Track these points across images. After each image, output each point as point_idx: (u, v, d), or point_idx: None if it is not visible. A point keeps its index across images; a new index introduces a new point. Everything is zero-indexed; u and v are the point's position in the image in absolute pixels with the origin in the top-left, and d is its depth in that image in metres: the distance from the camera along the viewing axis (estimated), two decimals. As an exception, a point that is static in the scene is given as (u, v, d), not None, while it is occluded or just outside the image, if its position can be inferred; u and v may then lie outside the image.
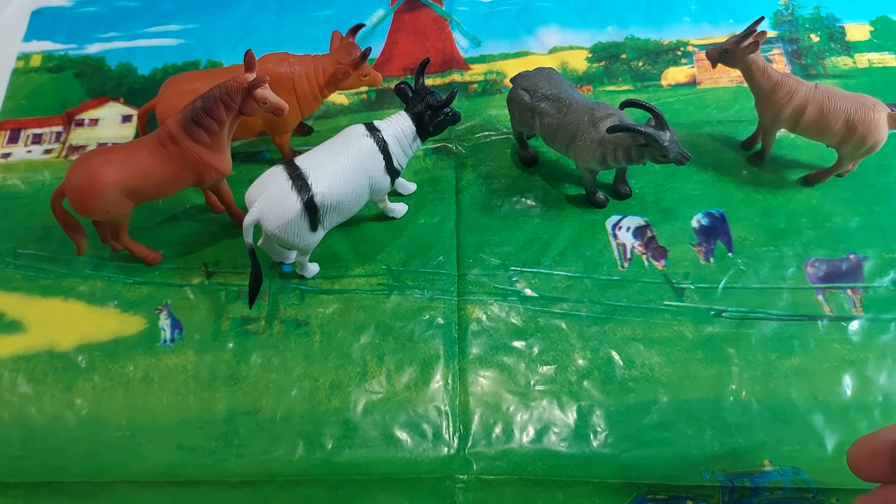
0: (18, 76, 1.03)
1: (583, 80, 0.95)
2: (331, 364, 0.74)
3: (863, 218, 0.79)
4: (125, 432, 0.72)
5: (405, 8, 1.04)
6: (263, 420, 0.72)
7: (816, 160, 0.84)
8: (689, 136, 0.87)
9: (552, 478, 0.67)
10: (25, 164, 0.93)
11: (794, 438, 0.67)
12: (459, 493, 0.66)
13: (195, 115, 0.70)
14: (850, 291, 0.75)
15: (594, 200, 0.82)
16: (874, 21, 0.96)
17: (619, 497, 0.66)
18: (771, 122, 0.79)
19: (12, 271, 0.84)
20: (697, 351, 0.72)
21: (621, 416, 0.69)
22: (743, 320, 0.74)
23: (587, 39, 0.98)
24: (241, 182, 0.82)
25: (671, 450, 0.67)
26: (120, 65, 1.02)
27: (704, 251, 0.79)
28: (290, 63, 0.80)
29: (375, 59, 0.99)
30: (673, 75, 0.94)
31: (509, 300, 0.77)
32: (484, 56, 0.98)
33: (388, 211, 0.83)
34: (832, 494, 0.64)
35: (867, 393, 0.69)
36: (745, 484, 0.65)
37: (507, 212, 0.83)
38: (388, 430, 0.70)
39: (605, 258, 0.79)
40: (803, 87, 0.76)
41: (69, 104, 0.99)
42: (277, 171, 0.70)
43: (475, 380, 0.72)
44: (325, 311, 0.78)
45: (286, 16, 1.05)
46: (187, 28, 1.05)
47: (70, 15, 1.08)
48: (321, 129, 0.93)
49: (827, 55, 0.94)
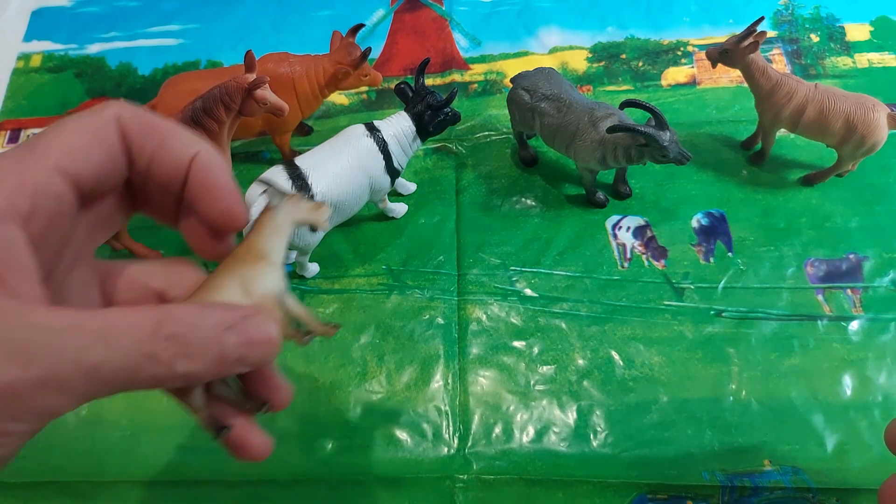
0: (18, 76, 1.03)
1: (583, 80, 0.95)
2: (331, 364, 0.74)
3: (863, 218, 0.79)
4: (125, 432, 0.72)
5: (405, 8, 1.04)
6: (263, 420, 0.71)
7: (816, 160, 0.84)
8: (689, 136, 0.87)
9: (552, 477, 0.67)
10: (25, 164, 0.93)
11: (794, 438, 0.67)
12: (459, 493, 0.66)
13: (195, 116, 0.70)
14: (849, 291, 0.75)
15: (594, 200, 0.82)
16: (874, 21, 0.96)
17: (619, 497, 0.66)
18: (771, 122, 0.79)
19: (12, 271, 0.84)
20: (697, 351, 0.72)
21: (621, 416, 0.69)
22: (743, 320, 0.74)
23: (587, 39, 0.99)
24: (241, 182, 0.81)
25: (671, 450, 0.67)
26: (120, 65, 1.02)
27: (704, 251, 0.79)
28: (291, 63, 0.80)
29: (375, 59, 0.99)
30: (673, 75, 0.94)
31: (509, 300, 0.77)
32: (484, 56, 0.98)
33: (388, 211, 0.83)
34: (832, 494, 0.64)
35: (867, 393, 0.69)
36: (745, 484, 0.65)
37: (507, 212, 0.83)
38: (388, 430, 0.70)
39: (605, 258, 0.79)
40: (803, 87, 0.76)
41: (69, 104, 0.99)
42: (277, 171, 0.70)
43: (475, 380, 0.72)
44: (325, 311, 0.78)
45: (286, 16, 1.05)
46: (187, 28, 1.05)
47: (70, 15, 1.08)
48: (321, 129, 0.93)
49: (827, 55, 0.94)
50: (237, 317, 0.28)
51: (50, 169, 0.28)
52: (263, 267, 0.32)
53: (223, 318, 0.28)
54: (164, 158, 0.31)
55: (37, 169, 0.28)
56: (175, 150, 0.31)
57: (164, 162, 0.31)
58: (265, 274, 0.32)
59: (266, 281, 0.32)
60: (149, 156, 0.31)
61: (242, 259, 0.32)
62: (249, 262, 0.32)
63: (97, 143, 0.29)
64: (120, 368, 0.26)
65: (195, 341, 0.27)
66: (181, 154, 0.31)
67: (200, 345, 0.27)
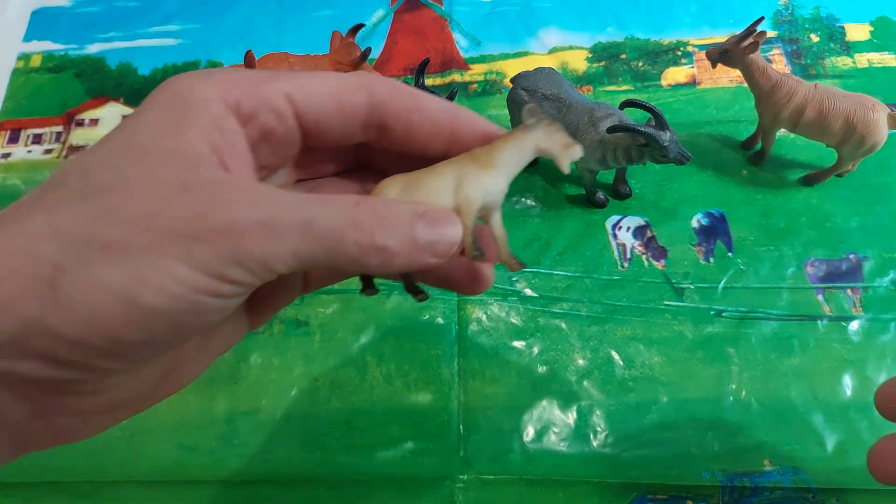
0: (18, 76, 1.03)
1: (583, 80, 0.95)
2: (331, 364, 0.74)
3: (862, 218, 0.79)
4: (125, 432, 0.72)
5: (405, 8, 1.04)
6: (264, 420, 0.72)
7: (816, 160, 0.84)
8: (689, 136, 0.87)
9: (552, 478, 0.67)
10: (25, 164, 0.93)
11: (794, 438, 0.67)
12: (459, 493, 0.66)
13: (195, 115, 0.70)
14: (849, 291, 0.75)
15: (594, 200, 0.82)
16: (874, 21, 0.96)
17: (619, 497, 0.66)
18: (771, 122, 0.79)
19: (12, 271, 0.84)
20: (697, 351, 0.72)
21: (621, 416, 0.69)
22: (743, 320, 0.74)
23: (587, 40, 0.99)
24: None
25: (671, 450, 0.67)
26: (120, 65, 1.02)
27: (704, 251, 0.79)
28: (291, 63, 0.80)
29: (375, 59, 0.99)
30: (673, 75, 0.94)
31: (509, 300, 0.77)
32: (484, 56, 0.98)
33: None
34: (832, 494, 0.64)
35: (867, 393, 0.69)
36: (745, 484, 0.65)
37: (507, 212, 0.83)
38: (388, 430, 0.70)
39: (605, 258, 0.79)
40: (803, 87, 0.76)
41: (69, 104, 0.99)
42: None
43: (475, 380, 0.72)
44: (325, 311, 0.78)
45: (286, 16, 1.05)
46: (187, 28, 1.05)
47: (70, 15, 1.08)
48: (321, 129, 0.93)
49: (827, 55, 0.94)
50: (424, 208, 0.31)
51: (280, 91, 0.30)
52: (488, 172, 0.32)
53: (412, 206, 0.30)
54: (423, 121, 0.33)
55: (268, 87, 0.30)
56: (433, 111, 0.34)
57: (423, 125, 0.34)
58: (487, 177, 0.32)
59: (484, 185, 0.32)
60: (406, 120, 0.33)
61: (473, 158, 0.32)
62: (476, 164, 0.32)
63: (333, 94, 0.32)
64: (331, 227, 0.28)
65: (391, 220, 0.29)
66: (440, 115, 0.34)
67: (395, 224, 0.29)
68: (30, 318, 0.24)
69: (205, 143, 0.28)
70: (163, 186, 0.26)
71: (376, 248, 0.28)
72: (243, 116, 0.30)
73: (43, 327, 0.24)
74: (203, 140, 0.28)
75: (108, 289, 0.25)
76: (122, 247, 0.25)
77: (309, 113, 0.31)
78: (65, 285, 0.24)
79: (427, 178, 0.32)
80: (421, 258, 0.30)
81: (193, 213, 0.26)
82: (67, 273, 0.24)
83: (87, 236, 0.25)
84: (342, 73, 0.33)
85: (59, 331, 0.24)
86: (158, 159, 0.27)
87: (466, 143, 0.34)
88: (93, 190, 0.26)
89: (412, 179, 0.33)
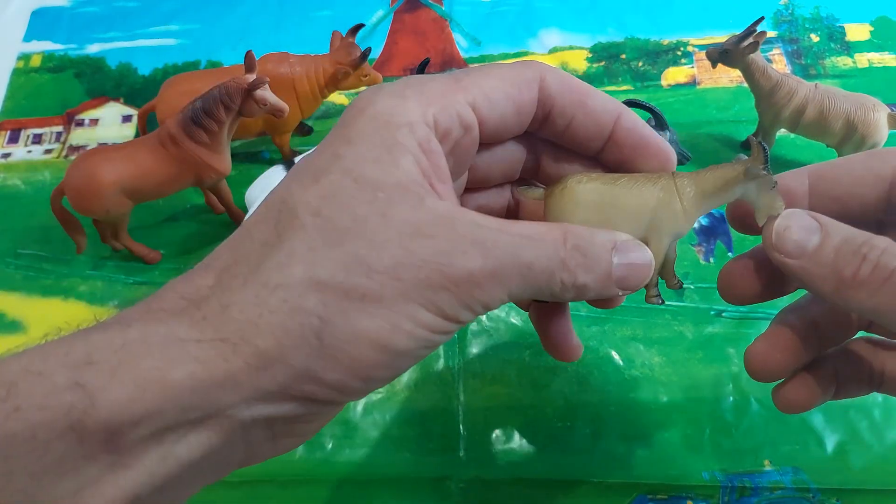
0: (18, 76, 1.03)
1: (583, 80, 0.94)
2: (331, 364, 0.74)
3: (863, 218, 0.79)
4: (125, 432, 0.72)
5: (405, 8, 1.04)
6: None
7: (816, 160, 0.83)
8: (689, 136, 0.87)
9: (552, 478, 0.67)
10: (25, 164, 0.93)
11: (794, 438, 0.67)
12: (459, 494, 0.66)
13: (195, 116, 0.70)
14: (850, 291, 0.75)
15: (594, 200, 0.82)
16: (874, 21, 0.96)
17: (619, 497, 0.66)
18: (771, 122, 0.79)
19: (12, 271, 0.84)
20: (697, 351, 0.72)
21: (621, 417, 0.69)
22: (743, 320, 0.74)
23: (587, 40, 0.99)
24: (241, 182, 0.81)
25: (671, 450, 0.67)
26: (120, 65, 1.02)
27: (704, 251, 0.79)
28: (291, 63, 0.80)
29: (375, 59, 0.99)
30: (673, 75, 0.94)
31: (509, 300, 0.77)
32: (484, 56, 0.98)
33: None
34: (832, 494, 0.64)
35: (867, 393, 0.69)
36: (745, 484, 0.65)
37: (507, 212, 0.83)
38: (388, 429, 0.70)
39: (605, 258, 0.79)
40: (803, 87, 0.76)
41: (69, 104, 0.99)
42: (277, 171, 0.70)
43: (475, 380, 0.72)
44: (325, 311, 0.78)
45: (286, 16, 1.05)
46: (187, 28, 1.05)
47: (70, 15, 1.08)
48: (321, 129, 0.93)
49: (827, 55, 0.94)
50: (619, 239, 0.32)
51: (466, 103, 0.31)
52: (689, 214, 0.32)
53: (609, 237, 0.31)
54: (585, 119, 0.34)
55: (459, 98, 0.31)
56: (598, 112, 0.34)
57: (585, 123, 0.34)
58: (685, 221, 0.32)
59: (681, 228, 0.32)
60: (570, 116, 0.34)
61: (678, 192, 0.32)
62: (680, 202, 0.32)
63: (512, 96, 0.32)
64: (544, 269, 0.29)
65: (591, 255, 0.30)
66: (604, 116, 0.34)
67: (595, 259, 0.30)
68: (299, 368, 0.27)
69: (418, 171, 0.29)
70: (400, 229, 0.28)
71: (577, 287, 0.30)
72: (440, 133, 0.30)
73: (308, 375, 0.27)
74: (416, 168, 0.29)
75: (366, 336, 0.27)
76: (377, 297, 0.27)
77: (491, 119, 0.32)
78: (327, 336, 0.27)
79: (624, 196, 0.32)
80: (610, 290, 0.32)
81: (435, 263, 0.28)
82: (330, 324, 0.27)
83: (347, 289, 0.27)
84: (516, 66, 0.33)
85: (323, 377, 0.27)
86: (387, 196, 0.28)
87: (623, 148, 0.34)
88: (336, 235, 0.27)
89: (607, 192, 0.32)
